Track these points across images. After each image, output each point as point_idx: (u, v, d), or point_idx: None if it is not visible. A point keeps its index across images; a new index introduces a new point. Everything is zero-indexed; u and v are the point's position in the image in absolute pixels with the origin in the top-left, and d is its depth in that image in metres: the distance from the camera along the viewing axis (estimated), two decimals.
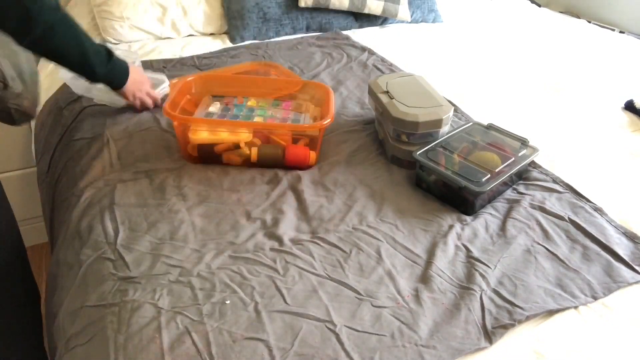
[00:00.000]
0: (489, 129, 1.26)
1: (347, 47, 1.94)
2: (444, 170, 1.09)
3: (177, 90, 1.27)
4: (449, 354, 0.78)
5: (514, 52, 1.98)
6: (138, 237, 0.98)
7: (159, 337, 0.79)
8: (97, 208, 1.06)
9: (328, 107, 1.25)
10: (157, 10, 1.98)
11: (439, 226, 1.04)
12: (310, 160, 1.21)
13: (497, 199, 1.13)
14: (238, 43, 2.00)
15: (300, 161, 1.20)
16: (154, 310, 0.83)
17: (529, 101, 1.59)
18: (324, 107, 1.30)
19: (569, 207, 1.10)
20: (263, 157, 1.18)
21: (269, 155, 1.18)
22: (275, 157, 1.19)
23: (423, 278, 0.92)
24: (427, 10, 2.26)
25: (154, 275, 0.90)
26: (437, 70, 1.76)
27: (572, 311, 0.87)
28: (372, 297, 0.87)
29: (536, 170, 1.22)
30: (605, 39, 2.15)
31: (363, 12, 2.14)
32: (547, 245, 1.00)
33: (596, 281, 0.92)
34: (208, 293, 0.86)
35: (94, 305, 0.85)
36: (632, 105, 1.53)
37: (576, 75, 1.77)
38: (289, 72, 1.61)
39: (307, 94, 1.40)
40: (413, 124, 1.18)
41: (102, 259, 0.94)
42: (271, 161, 1.18)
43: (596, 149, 1.34)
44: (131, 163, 1.20)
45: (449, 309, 0.86)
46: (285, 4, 2.06)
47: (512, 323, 0.83)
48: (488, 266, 0.94)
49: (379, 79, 1.34)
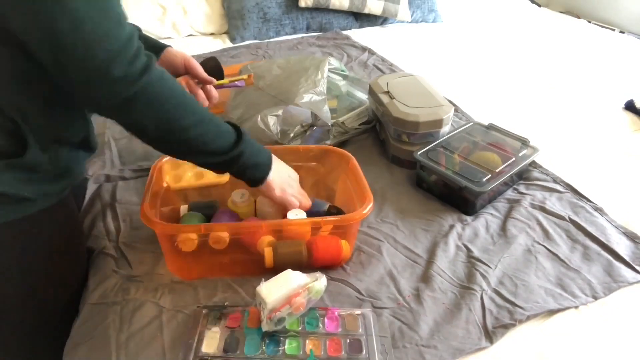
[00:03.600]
0: (490, 129, 1.26)
1: (348, 47, 1.94)
2: (445, 170, 1.09)
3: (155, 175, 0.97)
4: (450, 353, 0.78)
5: (514, 52, 1.98)
6: (140, 235, 0.98)
7: (160, 335, 0.79)
8: (99, 205, 1.07)
9: (360, 183, 0.96)
10: (157, 10, 1.98)
11: (440, 226, 1.04)
12: (344, 255, 0.92)
13: (497, 199, 1.13)
14: (238, 43, 2.00)
15: (333, 258, 0.91)
16: (155, 309, 0.83)
17: (529, 101, 1.59)
18: (351, 177, 1.01)
19: (569, 207, 1.10)
20: (281, 258, 0.87)
21: (288, 256, 0.88)
22: (297, 258, 0.88)
23: (424, 278, 0.92)
24: (427, 10, 2.27)
25: (156, 274, 0.90)
26: (437, 70, 1.76)
27: (573, 311, 0.87)
28: (373, 297, 0.87)
29: (537, 170, 1.22)
30: (605, 39, 2.15)
31: (363, 12, 2.15)
32: (547, 245, 1.00)
33: (597, 281, 0.92)
34: (210, 293, 0.87)
35: (96, 303, 0.85)
36: (633, 105, 1.53)
37: (576, 75, 1.77)
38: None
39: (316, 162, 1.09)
40: (414, 124, 1.18)
41: (104, 254, 0.94)
42: (292, 263, 0.85)
43: (597, 149, 1.34)
44: (132, 162, 1.20)
45: (449, 309, 0.86)
46: (285, 4, 2.07)
47: (512, 323, 0.83)
48: (489, 266, 0.94)
49: (379, 79, 1.34)
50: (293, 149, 1.10)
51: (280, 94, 1.23)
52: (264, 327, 0.77)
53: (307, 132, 1.22)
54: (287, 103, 1.20)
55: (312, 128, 1.23)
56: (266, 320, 0.76)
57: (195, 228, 0.87)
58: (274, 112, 1.19)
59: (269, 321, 0.76)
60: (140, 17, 1.93)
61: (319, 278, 0.79)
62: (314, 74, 1.28)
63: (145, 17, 1.95)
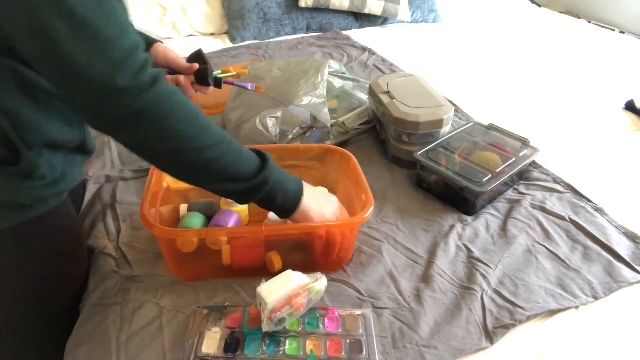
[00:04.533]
0: (490, 128, 1.26)
1: (348, 47, 1.94)
2: (445, 171, 1.09)
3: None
4: (450, 353, 0.78)
5: (514, 52, 1.98)
6: (140, 235, 0.98)
7: (160, 336, 0.79)
8: (99, 206, 1.07)
9: (361, 183, 0.95)
10: (157, 10, 1.98)
11: (440, 226, 1.04)
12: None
13: (497, 199, 1.13)
14: (238, 43, 2.00)
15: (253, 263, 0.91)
16: (156, 309, 0.83)
17: (529, 101, 1.59)
18: (352, 177, 1.00)
19: (569, 207, 1.10)
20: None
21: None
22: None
23: (424, 278, 0.92)
24: (427, 10, 2.27)
25: (156, 274, 0.90)
26: (437, 70, 1.76)
27: (573, 311, 0.87)
28: (373, 298, 0.87)
29: (537, 170, 1.22)
30: (605, 39, 2.15)
31: (363, 12, 2.15)
32: (547, 245, 1.00)
33: (597, 281, 0.92)
34: (210, 293, 0.87)
35: (96, 304, 0.85)
36: (633, 105, 1.53)
37: (576, 75, 1.77)
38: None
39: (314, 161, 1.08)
40: (414, 124, 1.18)
41: (104, 254, 0.94)
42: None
43: (597, 149, 1.34)
44: (132, 162, 1.20)
45: (449, 309, 0.86)
46: (285, 4, 2.07)
47: (513, 323, 0.83)
48: (489, 266, 0.94)
49: (379, 79, 1.34)
50: (293, 148, 1.10)
51: (280, 96, 1.23)
52: (264, 328, 0.77)
53: (307, 133, 1.22)
54: (287, 105, 1.20)
55: (311, 129, 1.22)
56: (266, 320, 0.76)
57: (195, 233, 0.87)
58: (273, 113, 1.18)
59: (269, 321, 0.76)
60: (140, 17, 1.93)
61: (319, 278, 0.79)
62: (314, 76, 1.28)
63: (145, 17, 1.95)
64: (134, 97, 0.61)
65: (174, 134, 0.65)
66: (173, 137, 0.66)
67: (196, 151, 0.68)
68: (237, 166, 0.73)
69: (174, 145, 0.66)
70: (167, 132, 0.65)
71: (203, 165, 0.70)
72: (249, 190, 0.75)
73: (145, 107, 0.62)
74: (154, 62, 0.66)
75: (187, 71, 0.96)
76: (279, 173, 0.78)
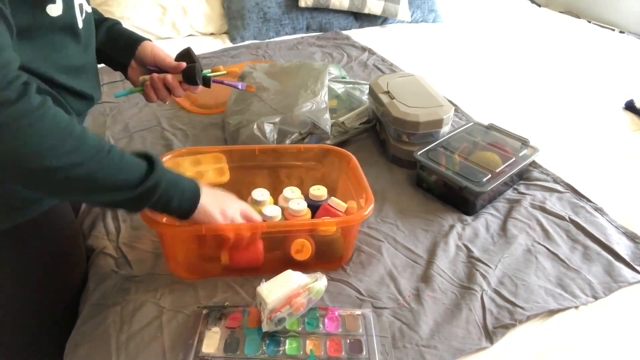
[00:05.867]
0: (490, 128, 1.26)
1: (348, 47, 1.94)
2: (445, 171, 1.09)
3: None
4: (450, 353, 0.78)
5: (514, 52, 1.98)
6: (140, 235, 0.98)
7: (160, 336, 0.79)
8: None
9: (361, 183, 0.96)
10: (157, 10, 1.98)
11: (440, 226, 1.04)
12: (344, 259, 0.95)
13: (497, 199, 1.13)
14: (238, 43, 2.00)
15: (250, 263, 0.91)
16: (156, 309, 0.83)
17: (529, 101, 1.59)
18: (352, 177, 1.01)
19: (569, 207, 1.10)
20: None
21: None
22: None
23: (424, 278, 0.92)
24: (427, 10, 2.27)
25: (156, 274, 0.90)
26: (437, 70, 1.76)
27: (573, 311, 0.87)
28: (373, 298, 0.87)
29: (537, 170, 1.22)
30: (605, 39, 2.15)
31: (363, 12, 2.15)
32: (547, 245, 1.00)
33: (597, 281, 0.92)
34: (210, 293, 0.87)
35: (96, 304, 0.85)
36: (633, 105, 1.53)
37: (576, 75, 1.77)
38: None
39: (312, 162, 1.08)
40: (414, 124, 1.18)
41: (104, 254, 0.94)
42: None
43: (597, 149, 1.34)
44: None
45: (449, 309, 0.86)
46: (285, 4, 2.07)
47: (513, 323, 0.83)
48: (489, 266, 0.94)
49: (379, 79, 1.34)
50: (293, 148, 1.10)
51: (281, 108, 1.23)
52: (264, 328, 0.77)
53: (305, 139, 1.22)
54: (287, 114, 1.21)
55: (310, 136, 1.22)
56: (266, 320, 0.76)
57: (196, 229, 0.86)
58: (271, 119, 1.19)
59: (269, 321, 0.76)
60: (140, 17, 1.93)
61: (319, 278, 0.79)
62: (314, 84, 1.29)
63: (145, 17, 1.95)
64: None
65: (43, 150, 0.61)
66: (41, 154, 0.61)
67: (71, 167, 0.64)
68: (121, 174, 0.70)
69: (45, 161, 0.62)
70: (33, 148, 0.61)
71: (82, 181, 0.66)
72: (141, 196, 0.71)
73: (5, 122, 0.58)
74: (29, 80, 0.62)
75: (175, 70, 0.93)
76: (170, 174, 0.75)
